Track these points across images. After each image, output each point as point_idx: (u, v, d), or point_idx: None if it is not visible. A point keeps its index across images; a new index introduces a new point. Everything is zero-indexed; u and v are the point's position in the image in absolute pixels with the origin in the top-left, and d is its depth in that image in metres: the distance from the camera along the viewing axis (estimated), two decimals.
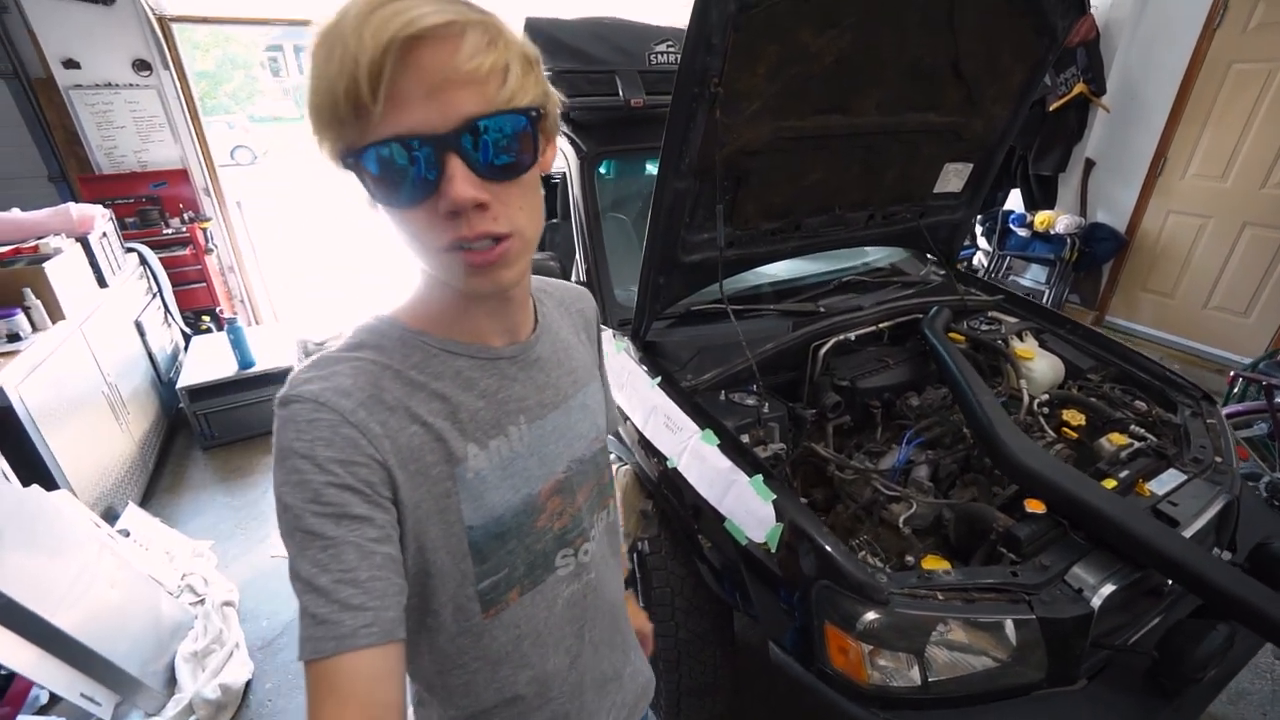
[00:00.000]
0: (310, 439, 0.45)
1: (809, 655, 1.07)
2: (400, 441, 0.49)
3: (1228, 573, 1.00)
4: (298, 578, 0.44)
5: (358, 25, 0.39)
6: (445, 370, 0.53)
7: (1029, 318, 1.93)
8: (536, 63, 0.47)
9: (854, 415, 1.57)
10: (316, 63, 0.41)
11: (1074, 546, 1.12)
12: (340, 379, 0.48)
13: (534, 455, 0.58)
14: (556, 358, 0.62)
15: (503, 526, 0.56)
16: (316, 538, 0.44)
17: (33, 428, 1.86)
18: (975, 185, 1.93)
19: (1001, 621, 1.00)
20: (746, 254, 1.62)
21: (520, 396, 0.57)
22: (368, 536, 0.45)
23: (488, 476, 0.54)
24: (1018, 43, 1.55)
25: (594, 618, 0.68)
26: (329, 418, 0.46)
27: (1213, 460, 1.35)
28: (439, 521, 0.52)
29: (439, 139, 0.42)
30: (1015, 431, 1.27)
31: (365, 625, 0.44)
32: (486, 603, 0.57)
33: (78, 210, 2.50)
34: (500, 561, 0.56)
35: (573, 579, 0.64)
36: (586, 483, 0.65)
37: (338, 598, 0.43)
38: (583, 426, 0.64)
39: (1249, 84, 2.98)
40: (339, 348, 0.52)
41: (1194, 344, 3.35)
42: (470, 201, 0.43)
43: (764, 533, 1.12)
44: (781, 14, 1.17)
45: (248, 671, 1.78)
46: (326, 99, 0.41)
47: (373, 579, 0.45)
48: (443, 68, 0.41)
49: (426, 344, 0.53)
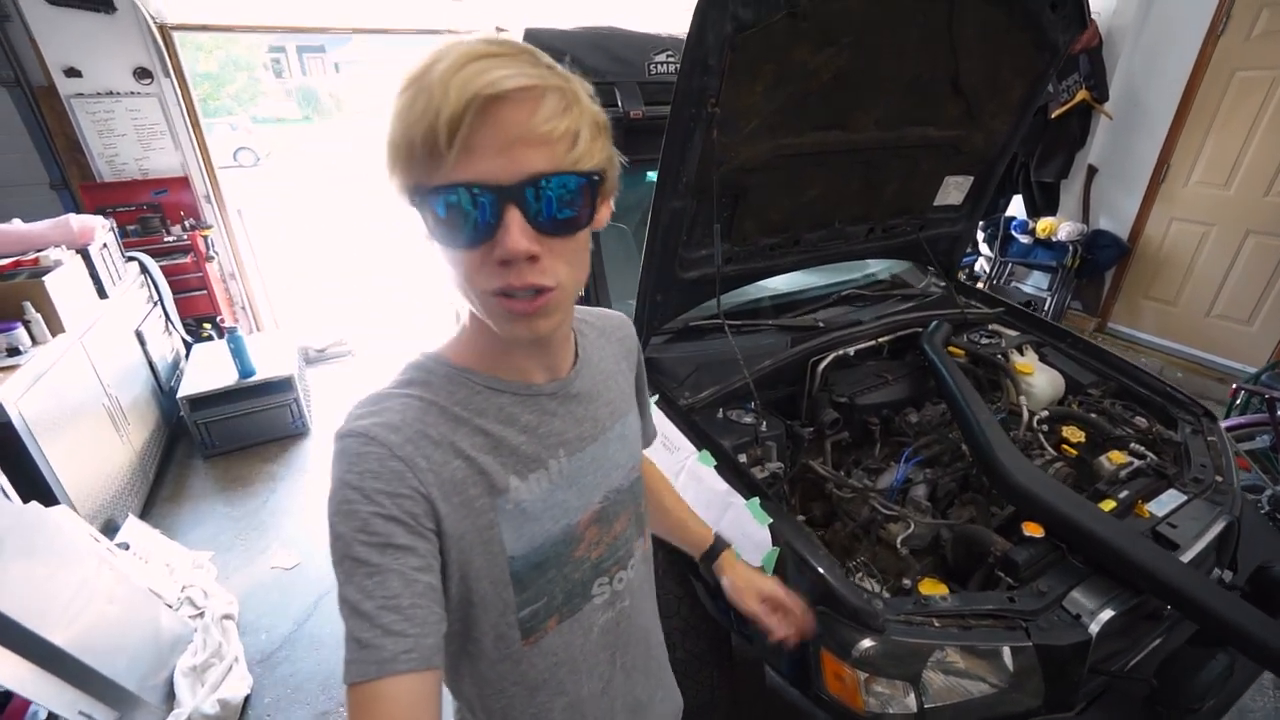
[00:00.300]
0: (360, 471, 0.49)
1: (805, 680, 1.07)
2: (444, 475, 0.51)
3: (1226, 600, 0.99)
4: (345, 602, 0.47)
5: (445, 78, 0.42)
6: (489, 407, 0.56)
7: (1029, 331, 1.92)
8: (605, 129, 0.50)
9: (852, 432, 1.57)
10: (400, 106, 0.44)
11: (1072, 571, 1.11)
12: (390, 415, 0.52)
13: (572, 487, 0.60)
14: (595, 390, 0.64)
15: (542, 556, 0.58)
16: (363, 565, 0.47)
17: (32, 442, 1.86)
18: (976, 198, 1.92)
19: (998, 649, 1.00)
20: (745, 269, 1.61)
21: (560, 431, 0.59)
22: (410, 565, 0.48)
23: (528, 508, 0.56)
24: (1018, 57, 1.54)
25: (627, 644, 0.70)
26: (378, 451, 0.49)
27: (1213, 480, 1.34)
28: (482, 551, 0.54)
29: (502, 189, 0.44)
30: (1013, 452, 1.26)
31: (406, 651, 0.46)
32: (526, 630, 0.59)
33: (78, 221, 2.51)
34: (540, 590, 0.59)
35: (608, 606, 0.66)
36: (624, 512, 0.67)
37: (381, 623, 0.46)
38: (620, 457, 0.66)
39: (1252, 91, 2.96)
40: (390, 385, 0.56)
41: (1197, 352, 3.34)
42: (524, 253, 0.45)
43: (760, 556, 1.12)
44: (779, 33, 1.16)
45: (246, 686, 1.78)
46: (404, 141, 0.44)
47: (414, 606, 0.47)
48: (518, 126, 0.43)
49: (471, 381, 0.56)
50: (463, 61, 0.42)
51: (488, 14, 3.29)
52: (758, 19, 1.11)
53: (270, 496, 2.66)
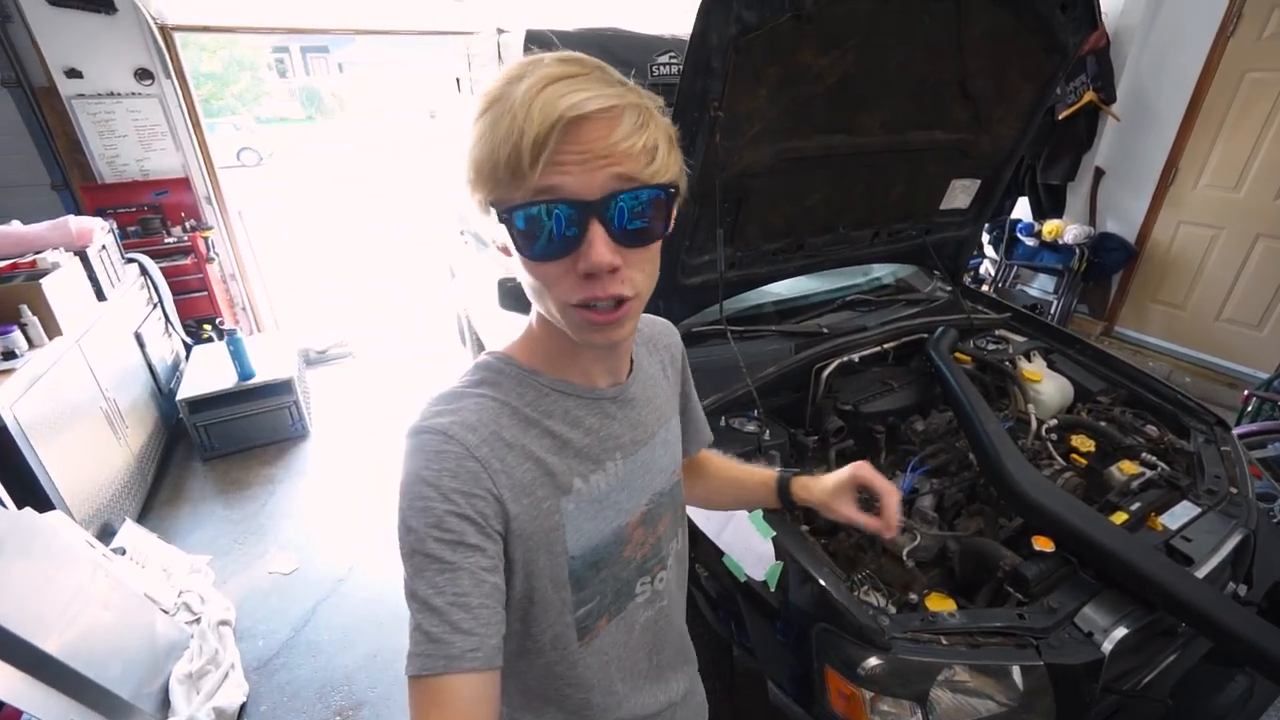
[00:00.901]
0: (438, 469, 0.50)
1: (808, 697, 1.04)
2: (516, 476, 0.53)
3: (1243, 617, 0.96)
4: (414, 596, 0.48)
5: (527, 100, 0.43)
6: (556, 409, 0.57)
7: (1037, 336, 1.89)
8: (676, 141, 0.52)
9: (857, 440, 1.54)
10: (484, 127, 0.46)
11: (1084, 586, 1.08)
12: (467, 414, 0.53)
13: (625, 489, 0.62)
14: (646, 396, 0.66)
15: (598, 556, 0.60)
16: (435, 561, 0.48)
17: (27, 446, 1.84)
18: (982, 201, 1.90)
19: (1008, 668, 0.97)
20: (748, 274, 1.59)
21: (618, 434, 0.61)
22: (480, 565, 0.49)
23: (587, 509, 0.58)
24: (1027, 60, 1.51)
25: (663, 643, 0.73)
26: (456, 450, 0.51)
27: (1227, 491, 1.31)
28: (546, 551, 0.56)
29: (586, 205, 0.46)
30: (1022, 463, 1.23)
31: (472, 649, 0.47)
32: (581, 631, 0.61)
33: (76, 223, 2.50)
34: (594, 590, 0.61)
35: (648, 605, 0.68)
36: (666, 514, 0.69)
37: (450, 619, 0.47)
38: (664, 460, 0.68)
39: (1263, 93, 2.92)
40: (462, 383, 0.57)
41: (1205, 356, 3.30)
42: (608, 265, 0.47)
43: (763, 570, 1.10)
44: (783, 36, 1.14)
45: (242, 694, 1.76)
46: (488, 160, 0.46)
47: (482, 606, 0.49)
48: (599, 144, 0.45)
49: (539, 383, 0.57)
50: (543, 83, 0.44)
51: (489, 14, 3.27)
52: (762, 21, 1.09)
53: (269, 500, 2.65)
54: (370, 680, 1.83)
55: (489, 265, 2.60)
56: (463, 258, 3.35)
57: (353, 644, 1.94)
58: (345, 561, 2.29)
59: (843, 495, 0.82)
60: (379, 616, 2.03)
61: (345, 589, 2.17)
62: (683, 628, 0.79)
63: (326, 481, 2.77)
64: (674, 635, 0.75)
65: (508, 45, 2.25)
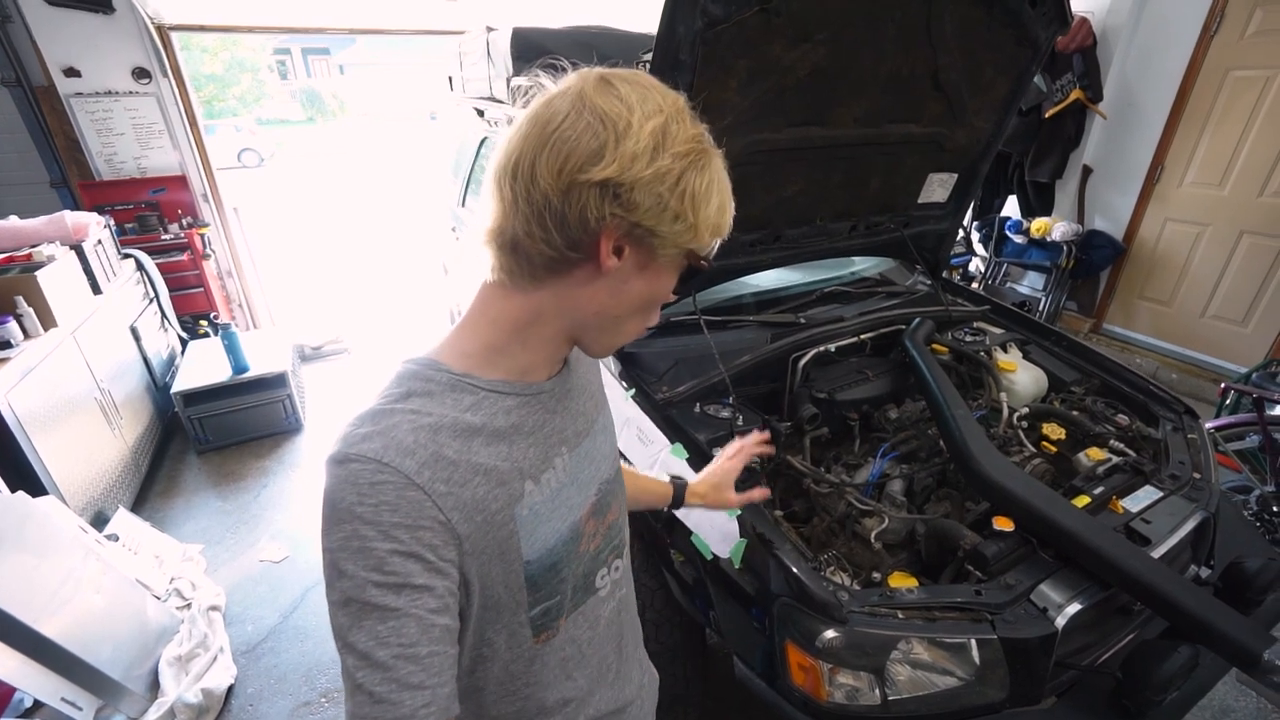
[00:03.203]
0: (375, 503, 0.44)
1: (772, 672, 1.07)
2: (464, 496, 0.49)
3: (1192, 594, 0.99)
4: (352, 650, 0.44)
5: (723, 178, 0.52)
6: (497, 411, 0.53)
7: (1014, 329, 1.92)
8: None
9: (832, 427, 1.57)
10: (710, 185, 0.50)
11: (1041, 565, 1.11)
12: (400, 434, 0.47)
13: (574, 484, 0.60)
14: (581, 385, 0.65)
15: (555, 557, 0.57)
16: (375, 609, 0.44)
17: (21, 434, 1.88)
18: (960, 195, 1.92)
19: (963, 641, 1.00)
20: (725, 265, 1.61)
21: (561, 428, 0.59)
22: (428, 608, 0.45)
23: (540, 511, 0.56)
24: (999, 54, 1.54)
25: (628, 632, 0.73)
26: (393, 479, 0.45)
27: (1191, 477, 1.34)
28: (500, 562, 0.53)
29: None
30: (987, 447, 1.26)
31: (424, 705, 0.44)
32: (537, 628, 0.59)
33: (72, 218, 2.54)
34: (552, 589, 0.58)
35: (609, 597, 0.68)
36: (615, 501, 0.68)
37: (397, 675, 0.43)
38: (605, 447, 0.67)
39: (1247, 91, 2.95)
40: (386, 398, 0.51)
41: (1191, 353, 3.32)
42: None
43: (729, 548, 1.13)
44: (752, 29, 1.17)
45: (230, 676, 1.79)
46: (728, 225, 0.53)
47: (431, 654, 0.45)
48: None
49: (475, 386, 0.53)
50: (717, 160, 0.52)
51: (483, 14, 3.31)
52: (729, 14, 1.11)
53: (262, 491, 2.68)
54: None
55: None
56: (455, 255, 3.39)
57: None
58: None
59: (722, 488, 0.93)
60: None
61: None
62: (635, 607, 0.79)
63: (318, 474, 2.78)
64: (633, 622, 0.76)
65: (496, 43, 2.29)
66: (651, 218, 0.48)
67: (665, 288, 0.54)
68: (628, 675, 0.74)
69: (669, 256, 0.51)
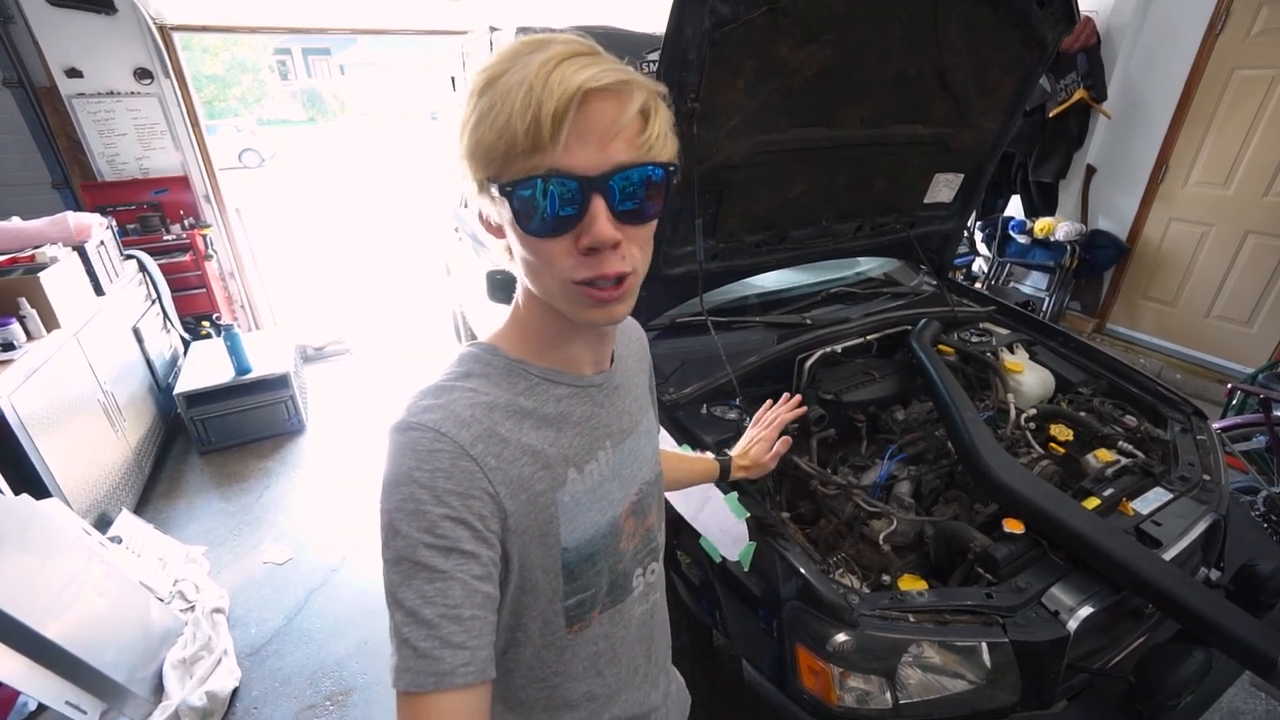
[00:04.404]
0: (431, 469, 0.47)
1: (781, 676, 1.07)
2: (512, 473, 0.51)
3: (1204, 597, 0.98)
4: (400, 605, 0.46)
5: (544, 74, 0.43)
6: (548, 398, 0.56)
7: (1020, 329, 1.91)
8: (674, 127, 0.52)
9: (839, 429, 1.56)
10: (491, 101, 0.45)
11: (1052, 567, 1.11)
12: (458, 409, 0.50)
13: (616, 479, 0.61)
14: (628, 385, 0.66)
15: (593, 548, 0.58)
16: (425, 569, 0.46)
17: (24, 435, 1.87)
18: (966, 195, 1.91)
19: (974, 644, 0.99)
20: (731, 266, 1.61)
21: (606, 422, 0.60)
22: (473, 574, 0.47)
23: (581, 499, 0.57)
24: (1006, 55, 1.54)
25: (658, 636, 0.73)
26: (449, 449, 0.48)
27: (1200, 478, 1.33)
28: (539, 544, 0.54)
29: (590, 180, 0.46)
30: (996, 449, 1.25)
31: (464, 664, 0.45)
32: (571, 619, 0.60)
33: (75, 219, 2.53)
34: (588, 581, 0.59)
35: (643, 599, 0.68)
36: (654, 503, 0.69)
37: (441, 633, 0.45)
38: (648, 450, 0.68)
39: (1252, 90, 2.94)
40: (447, 375, 0.54)
41: (1196, 353, 3.31)
42: (610, 240, 0.47)
43: (738, 551, 1.12)
44: (759, 29, 1.16)
45: (234, 679, 1.79)
46: (502, 135, 0.44)
47: (474, 618, 0.47)
48: (610, 120, 0.45)
49: (529, 372, 0.55)
50: (558, 58, 0.44)
51: (485, 14, 3.31)
52: (737, 14, 1.11)
53: (264, 492, 2.68)
54: (360, 667, 1.85)
55: (482, 262, 2.63)
56: (457, 255, 3.38)
57: (344, 632, 1.97)
58: (338, 552, 2.32)
59: (759, 456, 1.01)
60: (370, 606, 2.06)
61: (337, 579, 2.20)
62: (667, 616, 0.79)
63: (321, 475, 2.80)
64: (663, 627, 0.76)
65: (499, 43, 2.28)
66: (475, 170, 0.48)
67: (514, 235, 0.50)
68: (655, 680, 0.74)
69: (483, 205, 0.51)
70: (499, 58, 0.46)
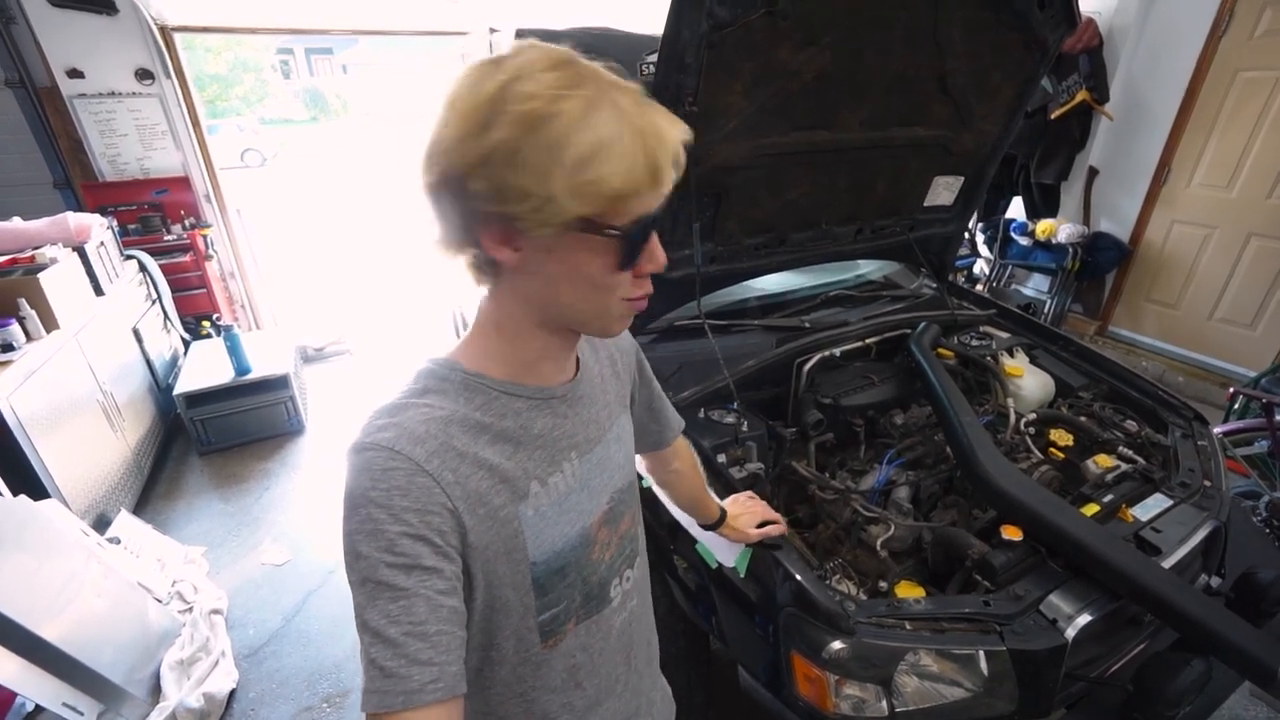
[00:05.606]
0: (387, 488, 0.47)
1: (777, 683, 1.06)
2: (469, 487, 0.51)
3: (1204, 605, 0.98)
4: (366, 628, 0.46)
5: (642, 122, 0.46)
6: (507, 411, 0.55)
7: (1021, 333, 1.90)
8: None
9: (837, 433, 1.56)
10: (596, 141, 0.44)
11: (1051, 575, 1.10)
12: (413, 425, 0.50)
13: (584, 489, 0.61)
14: (594, 394, 0.65)
15: (563, 561, 0.58)
16: (388, 588, 0.46)
17: (23, 436, 1.88)
18: (967, 198, 1.91)
19: (971, 653, 0.98)
20: (730, 269, 1.60)
21: (571, 433, 0.60)
22: (436, 589, 0.47)
23: (547, 513, 0.56)
24: (1007, 57, 1.53)
25: (638, 645, 0.73)
26: (405, 466, 0.48)
27: (1201, 484, 1.32)
28: (506, 560, 0.54)
29: (657, 217, 0.50)
30: (995, 455, 1.25)
31: (432, 681, 0.45)
32: (545, 633, 0.60)
33: (75, 220, 2.53)
34: (560, 595, 0.59)
35: (621, 608, 0.68)
36: (628, 511, 0.68)
37: (407, 651, 0.45)
38: (619, 457, 0.67)
39: (1255, 92, 2.92)
40: (404, 393, 0.54)
41: (1199, 356, 3.29)
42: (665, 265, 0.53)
43: (734, 557, 1.11)
44: (758, 32, 1.16)
45: (232, 681, 1.79)
46: (631, 176, 0.45)
47: (440, 633, 0.46)
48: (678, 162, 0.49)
49: (487, 386, 0.55)
50: (634, 98, 0.47)
51: (486, 14, 3.30)
52: (735, 17, 1.10)
53: (264, 493, 2.68)
54: (358, 669, 1.84)
55: None
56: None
57: (341, 634, 1.97)
58: (336, 554, 2.31)
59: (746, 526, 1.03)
60: None
61: (335, 580, 2.20)
62: (651, 625, 0.78)
63: (321, 476, 2.80)
64: (646, 634, 0.76)
65: (499, 45, 2.28)
66: (497, 203, 0.45)
67: (593, 265, 0.49)
68: (636, 688, 0.73)
69: (550, 236, 0.46)
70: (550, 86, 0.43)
